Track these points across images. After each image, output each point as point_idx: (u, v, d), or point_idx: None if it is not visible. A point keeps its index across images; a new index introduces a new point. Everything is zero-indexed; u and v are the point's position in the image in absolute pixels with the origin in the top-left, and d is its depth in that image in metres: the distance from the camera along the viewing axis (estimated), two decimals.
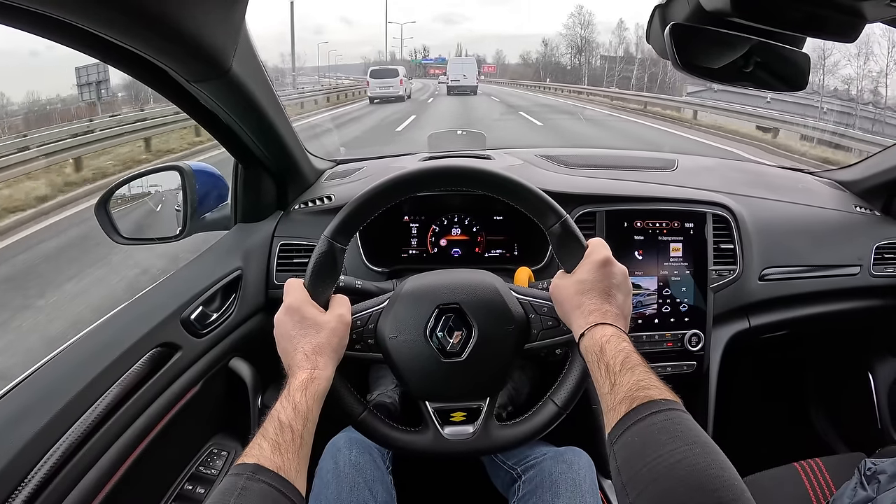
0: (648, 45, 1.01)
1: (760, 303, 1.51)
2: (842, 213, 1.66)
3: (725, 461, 0.62)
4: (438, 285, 0.95)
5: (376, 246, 1.44)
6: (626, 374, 0.73)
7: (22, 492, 0.78)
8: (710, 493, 0.58)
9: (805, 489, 1.25)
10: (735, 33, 0.91)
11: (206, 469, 1.24)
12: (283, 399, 0.77)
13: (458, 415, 0.94)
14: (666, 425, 0.66)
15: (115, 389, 0.96)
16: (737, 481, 0.60)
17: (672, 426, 0.66)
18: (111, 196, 1.35)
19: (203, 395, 1.20)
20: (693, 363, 1.43)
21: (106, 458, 0.93)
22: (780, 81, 1.00)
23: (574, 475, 1.07)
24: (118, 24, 0.72)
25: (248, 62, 1.00)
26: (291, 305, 0.86)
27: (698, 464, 0.61)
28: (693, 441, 0.64)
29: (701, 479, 0.59)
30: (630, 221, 1.40)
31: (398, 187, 0.92)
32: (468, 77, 31.76)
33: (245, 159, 1.36)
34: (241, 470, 0.67)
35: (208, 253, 1.36)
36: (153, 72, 0.92)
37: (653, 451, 0.63)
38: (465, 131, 1.91)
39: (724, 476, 0.60)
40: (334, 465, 1.08)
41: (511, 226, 1.50)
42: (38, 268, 5.12)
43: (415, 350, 0.91)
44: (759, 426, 1.86)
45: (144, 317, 1.10)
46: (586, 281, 0.86)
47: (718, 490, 0.58)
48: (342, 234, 0.91)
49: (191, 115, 1.13)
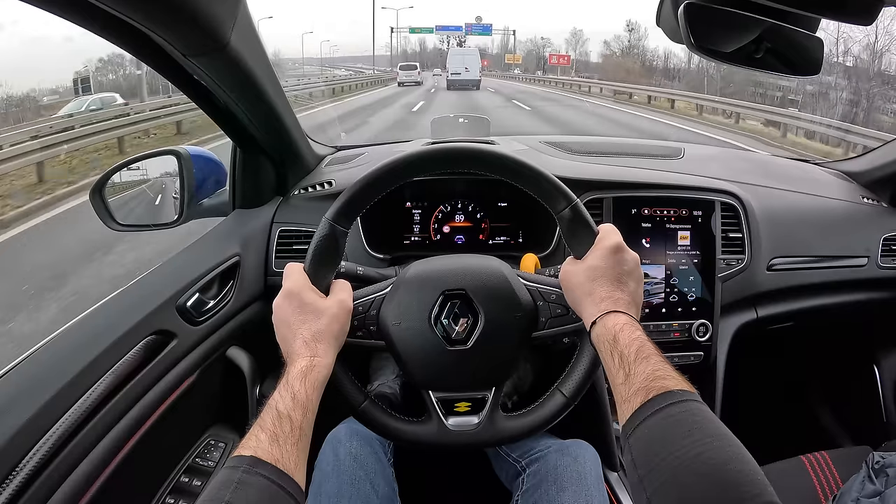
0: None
1: (768, 293, 1.49)
2: (849, 204, 1.64)
3: (746, 454, 0.60)
4: (444, 270, 0.93)
5: (378, 232, 1.41)
6: (641, 364, 0.70)
7: (12, 483, 0.76)
8: (734, 488, 0.56)
9: (812, 482, 1.24)
10: (749, 14, 0.89)
11: (202, 461, 1.22)
12: (282, 388, 0.74)
13: (463, 405, 0.92)
14: (684, 417, 0.64)
15: (108, 378, 0.93)
16: (759, 476, 0.57)
17: (690, 418, 0.64)
18: (106, 182, 1.33)
19: (200, 385, 1.18)
20: (700, 354, 1.41)
21: (99, 449, 0.91)
22: (791, 67, 0.98)
23: (579, 468, 1.05)
24: None
25: (247, 36, 0.97)
26: (291, 290, 0.83)
27: (719, 458, 0.59)
28: (713, 434, 0.61)
29: (723, 474, 0.57)
30: (638, 208, 1.38)
31: (401, 169, 0.90)
32: (470, 70, 29.77)
33: (244, 143, 1.33)
34: (237, 462, 0.64)
35: (205, 239, 1.33)
36: (150, 46, 0.90)
37: (671, 445, 0.61)
38: (467, 117, 1.88)
39: (746, 470, 0.58)
40: (335, 458, 1.06)
41: (516, 212, 1.48)
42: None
43: (419, 337, 0.89)
44: (764, 418, 1.84)
45: (139, 303, 1.07)
46: (598, 268, 0.84)
47: (742, 486, 0.56)
48: (345, 217, 0.88)
49: (188, 94, 1.10)
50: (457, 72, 29.69)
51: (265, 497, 0.62)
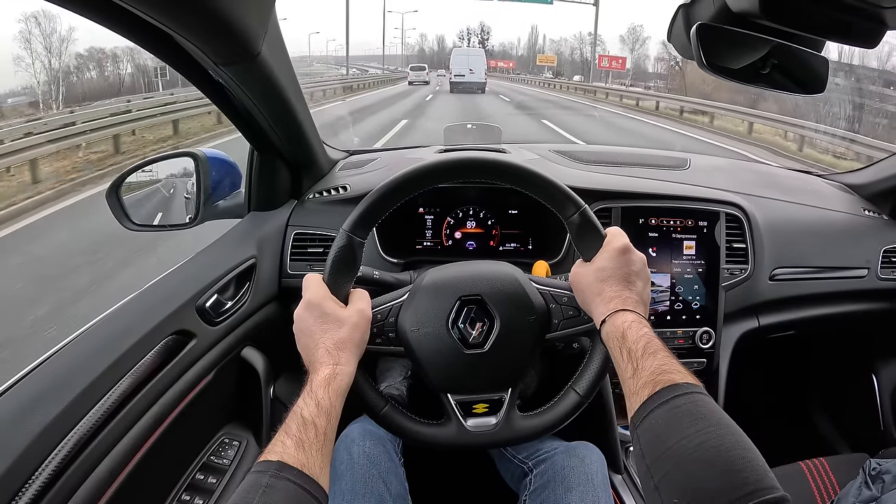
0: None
1: (770, 302, 1.52)
2: (850, 216, 1.67)
3: (749, 442, 0.63)
4: (459, 277, 0.95)
5: (392, 237, 1.43)
6: (649, 359, 0.74)
7: (36, 481, 0.78)
8: (736, 473, 0.59)
9: (810, 488, 1.27)
10: (758, 35, 0.92)
11: (217, 458, 1.24)
12: (306, 395, 0.76)
13: (481, 406, 0.94)
14: (689, 408, 0.67)
15: (130, 377, 0.95)
16: (760, 461, 0.61)
17: (695, 409, 0.67)
18: (122, 182, 1.34)
19: (216, 384, 1.19)
20: (703, 360, 1.44)
21: (119, 448, 0.93)
22: (798, 84, 1.01)
23: (586, 469, 1.08)
24: (154, 2, 0.72)
25: (276, 48, 1.00)
26: (311, 301, 0.85)
27: (722, 445, 0.62)
28: (717, 423, 0.64)
29: (725, 460, 0.60)
30: (645, 218, 1.41)
31: (417, 179, 0.92)
32: (475, 72, 27.82)
33: (261, 146, 1.36)
34: (264, 467, 0.67)
35: (223, 240, 1.35)
36: (179, 53, 0.92)
37: (676, 434, 0.64)
38: (478, 125, 1.91)
39: (748, 457, 0.61)
40: (348, 457, 1.08)
41: (526, 219, 1.50)
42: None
43: (437, 342, 0.91)
44: (764, 425, 1.87)
45: (161, 304, 1.09)
46: (606, 268, 0.87)
47: (743, 471, 0.59)
48: (361, 228, 0.90)
49: (209, 96, 1.12)
50: (460, 73, 28.19)
51: (292, 500, 0.65)
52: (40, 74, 21.44)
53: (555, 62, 56.27)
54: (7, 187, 7.35)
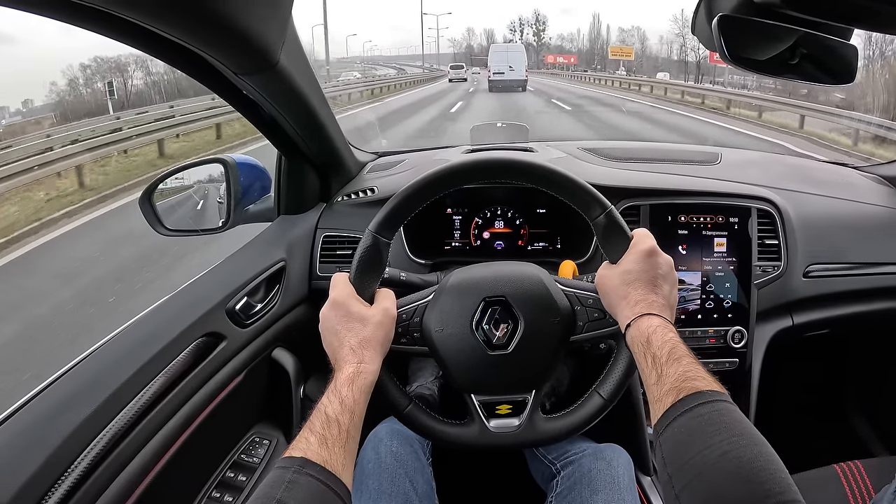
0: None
1: (804, 300, 1.48)
2: (888, 210, 1.61)
3: (772, 453, 0.62)
4: (484, 278, 0.95)
5: (420, 238, 1.44)
6: (673, 365, 0.72)
7: (69, 477, 0.80)
8: (758, 485, 0.58)
9: (844, 491, 1.23)
10: (782, 24, 0.90)
11: (247, 457, 1.26)
12: (330, 393, 0.77)
13: (504, 407, 0.94)
14: (713, 417, 0.66)
15: (160, 378, 0.98)
16: (783, 473, 0.59)
17: (719, 417, 0.65)
18: (155, 188, 1.38)
19: (246, 385, 1.22)
20: (735, 360, 1.41)
21: (151, 446, 0.95)
22: (827, 74, 0.99)
23: (613, 473, 1.07)
24: (171, 19, 0.74)
25: (295, 55, 1.01)
26: (337, 300, 0.86)
27: (745, 455, 0.61)
28: (740, 433, 0.63)
29: (748, 471, 0.59)
30: (674, 215, 1.39)
31: (442, 181, 0.93)
32: (515, 69, 25.89)
33: (288, 151, 1.38)
34: (288, 463, 0.68)
35: (253, 244, 1.38)
36: (200, 65, 0.94)
37: (699, 443, 0.63)
38: (507, 123, 1.91)
39: (770, 468, 0.59)
40: (376, 456, 1.09)
41: (554, 219, 1.50)
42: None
43: (461, 343, 0.91)
44: (798, 426, 1.82)
45: (191, 307, 1.12)
46: (632, 271, 0.86)
47: (766, 483, 0.58)
48: (387, 229, 0.91)
49: (235, 106, 1.16)
50: (499, 71, 26.08)
51: (314, 496, 0.66)
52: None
53: (632, 55, 51.10)
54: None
